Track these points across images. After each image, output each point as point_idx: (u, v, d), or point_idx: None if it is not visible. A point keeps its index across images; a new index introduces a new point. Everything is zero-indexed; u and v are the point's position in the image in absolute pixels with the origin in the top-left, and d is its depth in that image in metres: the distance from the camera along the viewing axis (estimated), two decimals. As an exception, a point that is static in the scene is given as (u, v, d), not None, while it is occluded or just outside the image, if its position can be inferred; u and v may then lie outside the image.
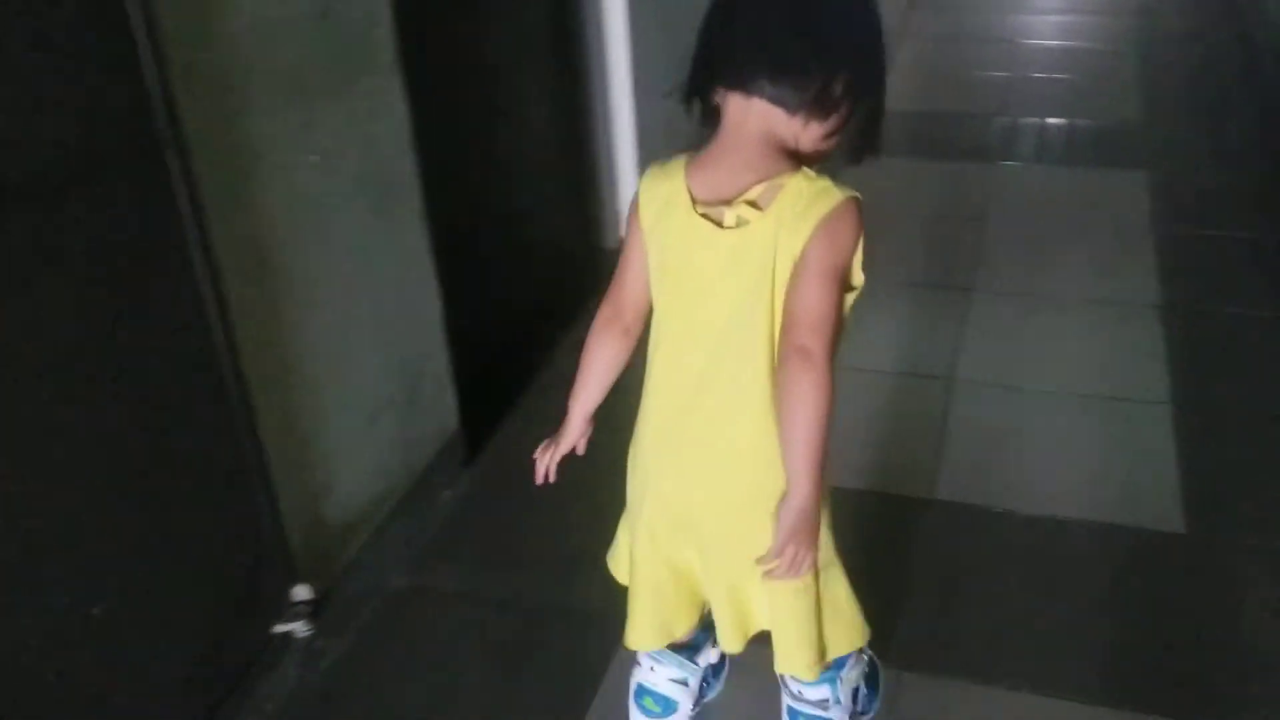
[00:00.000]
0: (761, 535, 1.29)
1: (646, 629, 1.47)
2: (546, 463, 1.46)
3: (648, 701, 1.62)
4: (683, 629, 1.50)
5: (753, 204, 1.21)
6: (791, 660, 1.42)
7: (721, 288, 1.25)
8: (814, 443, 1.21)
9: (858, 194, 1.22)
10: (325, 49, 1.76)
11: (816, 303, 1.19)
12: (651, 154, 3.41)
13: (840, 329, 1.23)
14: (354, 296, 1.91)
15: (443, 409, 2.26)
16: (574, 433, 1.45)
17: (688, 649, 1.60)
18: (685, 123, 1.31)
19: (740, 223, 1.21)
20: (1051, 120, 4.05)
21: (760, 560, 1.28)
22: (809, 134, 1.22)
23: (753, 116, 1.21)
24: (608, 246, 3.27)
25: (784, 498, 1.25)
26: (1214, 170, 3.59)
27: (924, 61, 4.78)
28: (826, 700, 1.55)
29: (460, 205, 2.42)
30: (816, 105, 1.19)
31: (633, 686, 1.65)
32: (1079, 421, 2.41)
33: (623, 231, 1.37)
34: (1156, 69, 4.57)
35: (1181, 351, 2.64)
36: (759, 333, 1.24)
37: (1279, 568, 2.01)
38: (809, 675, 1.44)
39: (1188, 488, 2.22)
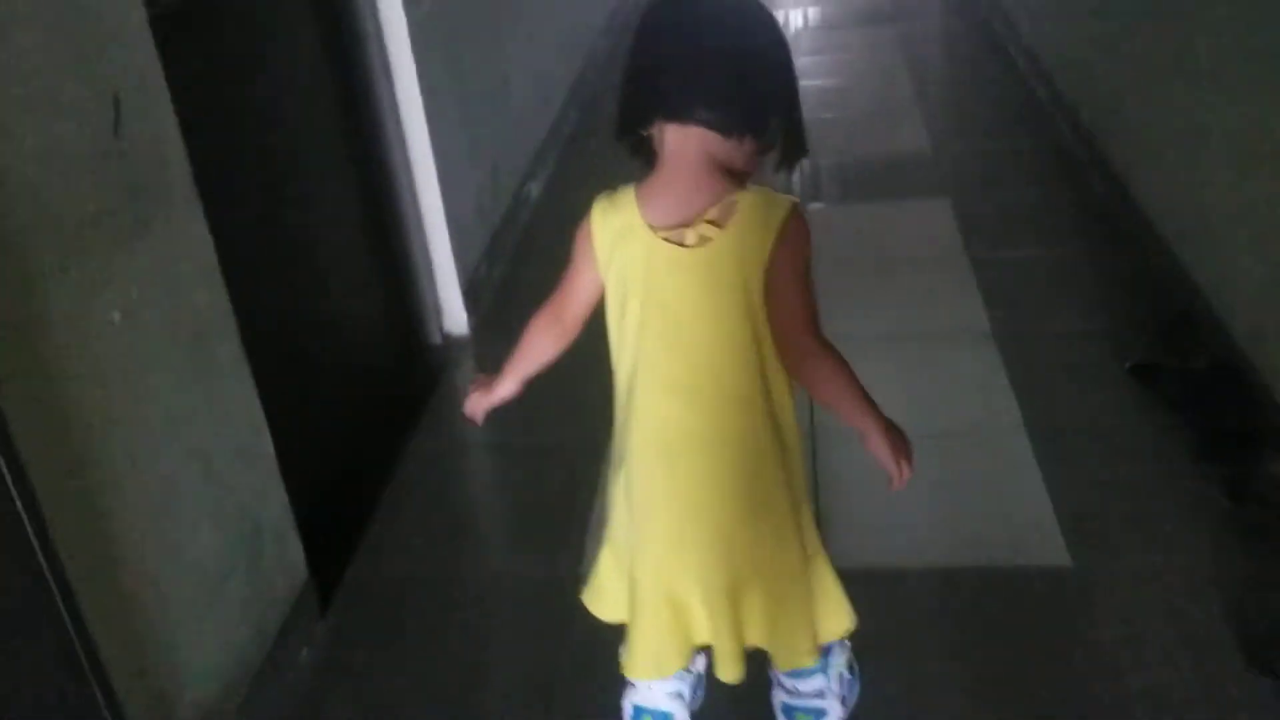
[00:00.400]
0: (763, 534, 1.43)
1: (649, 660, 1.52)
2: (479, 408, 1.58)
3: None
4: (681, 661, 1.53)
5: (712, 222, 1.30)
6: (793, 651, 1.51)
7: (694, 305, 1.33)
8: (859, 395, 1.39)
9: (797, 199, 1.36)
10: (114, 190, 1.54)
11: (801, 305, 1.34)
12: (465, 241, 3.44)
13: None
14: (179, 460, 1.68)
15: (289, 561, 2.04)
16: (507, 390, 1.56)
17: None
18: (495, 201, 1.22)
19: (703, 240, 1.30)
20: (848, 158, 4.12)
21: (890, 485, 1.42)
22: (743, 152, 1.32)
23: (692, 142, 1.30)
24: (433, 342, 3.11)
25: (865, 439, 1.41)
26: (1009, 189, 3.72)
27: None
28: (821, 690, 1.63)
29: (280, 332, 2.22)
30: (747, 125, 1.30)
31: (628, 710, 1.68)
32: (940, 461, 2.36)
33: (577, 257, 1.44)
34: (932, 94, 4.77)
35: (1021, 376, 2.68)
36: (742, 337, 1.34)
37: (1170, 588, 2.04)
38: (810, 661, 1.54)
39: (1065, 516, 2.23)
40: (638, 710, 1.67)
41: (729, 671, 1.50)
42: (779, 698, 1.67)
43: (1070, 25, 4.10)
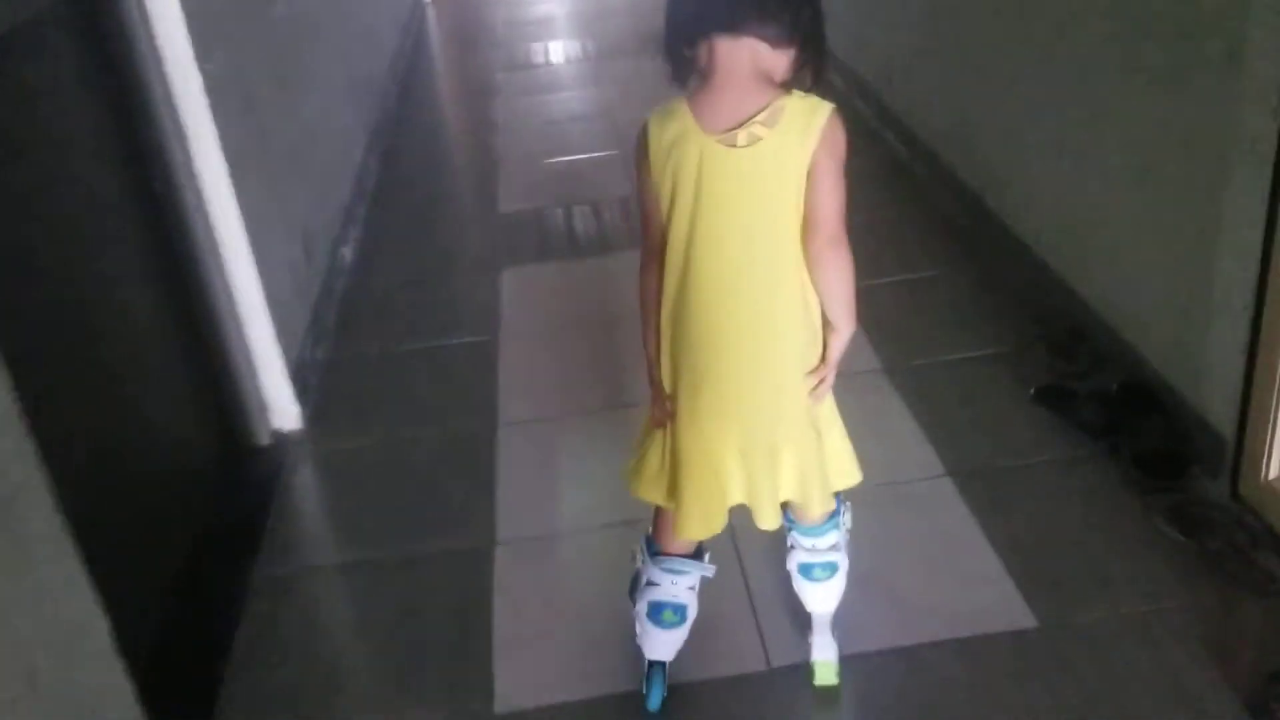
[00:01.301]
0: (796, 403, 1.61)
1: (700, 520, 1.67)
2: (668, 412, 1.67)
3: (667, 615, 1.79)
4: (721, 522, 1.69)
5: (762, 124, 1.44)
6: (819, 499, 1.70)
7: (745, 196, 1.49)
8: (851, 295, 1.56)
9: (834, 105, 1.48)
10: None
11: (835, 200, 1.49)
12: (286, 321, 2.95)
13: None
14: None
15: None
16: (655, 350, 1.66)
17: (697, 555, 1.80)
18: (310, 271, 0.91)
19: (752, 140, 1.44)
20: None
21: (811, 373, 1.61)
22: (783, 62, 1.46)
23: (744, 53, 1.44)
24: (262, 444, 2.67)
25: (836, 334, 1.58)
26: (859, 212, 3.57)
27: (511, 160, 4.55)
28: (836, 544, 1.82)
29: (88, 470, 1.77)
30: (791, 36, 1.44)
31: (644, 608, 1.79)
32: (876, 521, 2.10)
33: (635, 180, 1.58)
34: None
35: (927, 414, 2.51)
36: (785, 226, 1.50)
37: (1148, 637, 1.88)
38: (830, 505, 1.74)
39: (1017, 571, 2.05)
40: (658, 606, 1.79)
41: (769, 520, 1.68)
42: (798, 558, 1.85)
43: (892, 34, 4.04)
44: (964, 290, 3.03)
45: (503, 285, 3.36)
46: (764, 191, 1.49)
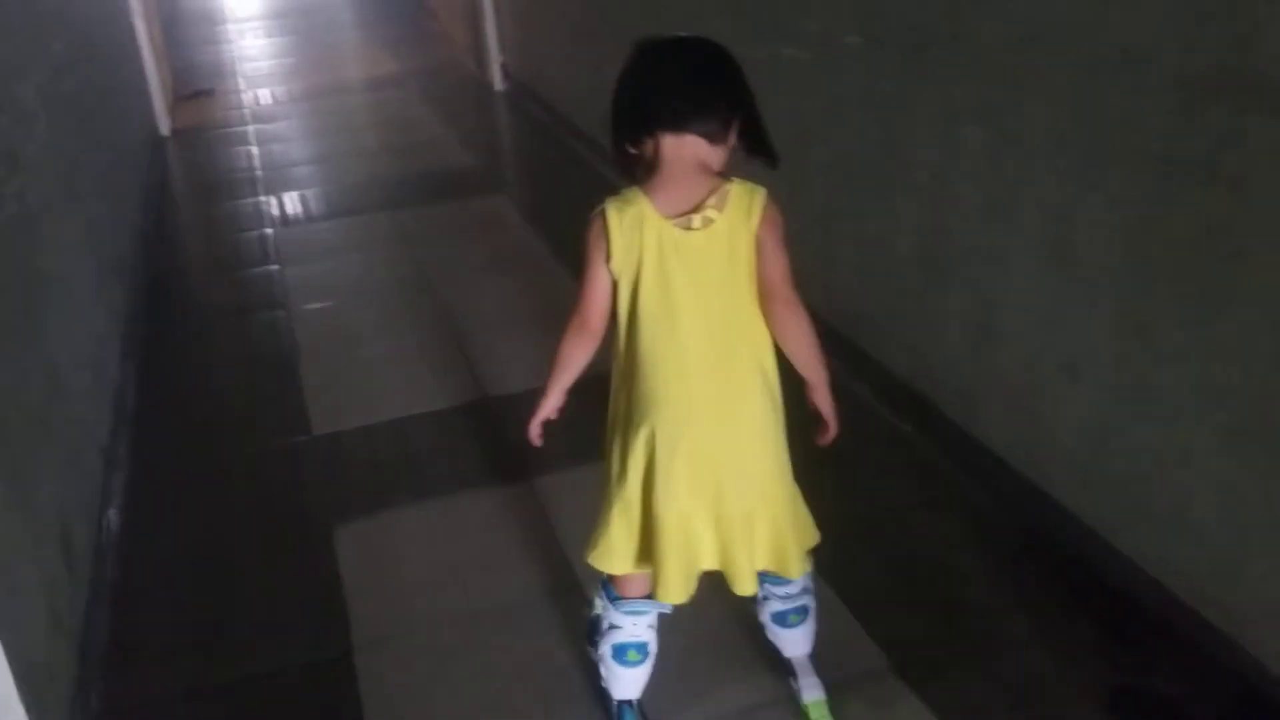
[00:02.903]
0: (767, 463, 1.73)
1: (679, 584, 1.74)
2: (534, 425, 1.82)
3: (631, 654, 1.88)
4: (695, 585, 1.77)
5: (713, 208, 1.62)
6: (796, 561, 1.79)
7: (704, 273, 1.64)
8: (817, 348, 1.72)
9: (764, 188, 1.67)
10: None
11: (783, 266, 1.66)
12: (39, 686, 1.91)
13: None
14: None
15: None
16: (553, 404, 1.79)
17: (647, 595, 1.84)
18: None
19: (706, 223, 1.62)
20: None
21: (822, 434, 1.79)
22: (719, 154, 1.65)
23: (686, 149, 1.63)
24: None
25: (814, 390, 1.75)
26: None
27: (314, 351, 3.72)
28: (804, 588, 1.92)
29: None
30: (726, 131, 1.64)
31: (608, 651, 1.88)
32: None
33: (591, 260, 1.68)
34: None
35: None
36: (740, 298, 1.66)
37: None
38: (805, 567, 1.84)
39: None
40: (622, 648, 1.87)
41: (746, 587, 1.76)
42: (771, 608, 1.94)
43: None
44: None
45: (340, 555, 2.53)
46: (720, 268, 1.64)
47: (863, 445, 2.69)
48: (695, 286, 1.62)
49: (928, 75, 2.55)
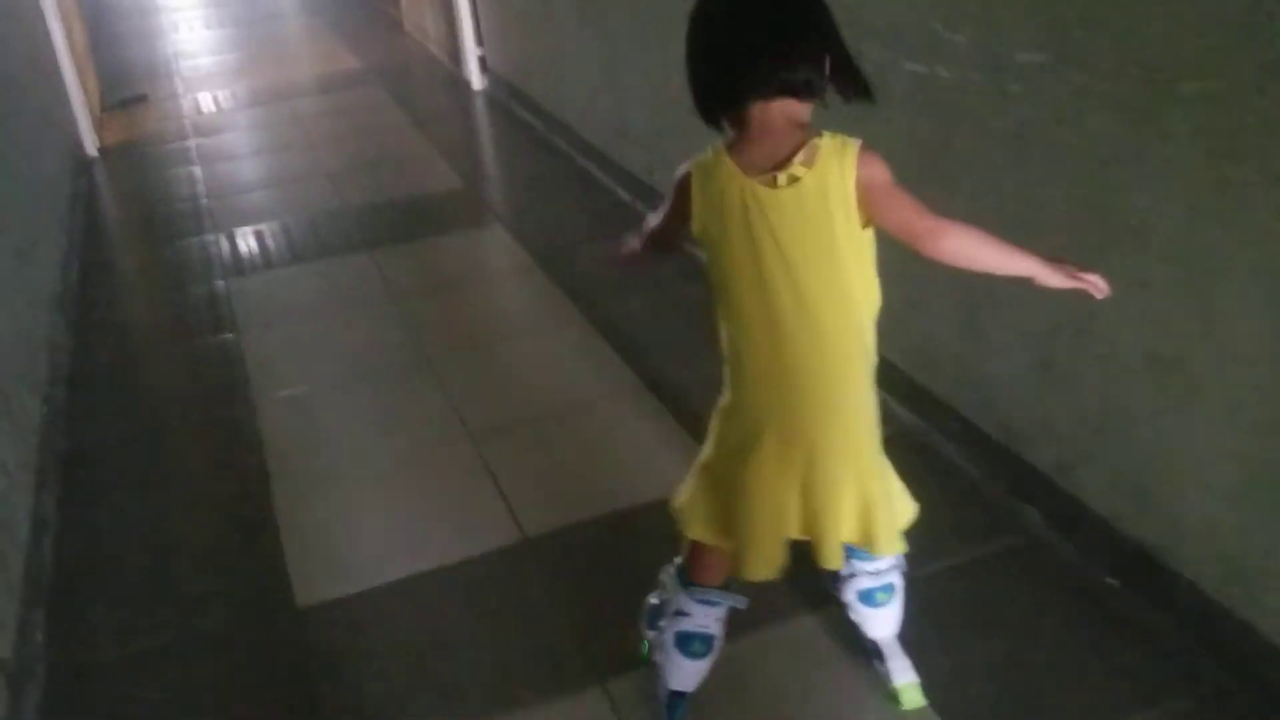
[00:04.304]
0: (860, 436, 1.63)
1: (764, 562, 1.67)
2: (625, 251, 1.81)
3: (696, 645, 1.80)
4: (784, 561, 1.68)
5: (801, 164, 1.48)
6: (886, 538, 1.67)
7: (793, 231, 1.50)
8: (1003, 245, 1.53)
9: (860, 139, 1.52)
10: None
11: (907, 206, 1.51)
12: None
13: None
14: None
15: None
16: (636, 245, 1.78)
17: (721, 587, 1.79)
18: None
19: (792, 180, 1.48)
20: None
21: (1097, 294, 1.55)
22: (808, 107, 1.52)
23: (774, 111, 1.50)
24: None
25: (1035, 282, 1.54)
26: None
27: (290, 472, 2.88)
28: (893, 565, 1.83)
29: None
30: (818, 81, 1.50)
31: (670, 638, 1.80)
32: None
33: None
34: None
35: None
36: (840, 259, 1.52)
37: None
38: (900, 546, 1.72)
39: None
40: (686, 637, 1.79)
41: (833, 559, 1.67)
42: (858, 585, 1.84)
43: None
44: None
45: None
46: (811, 227, 1.50)
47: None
48: (784, 248, 1.51)
49: (1174, 117, 1.76)
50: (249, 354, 3.39)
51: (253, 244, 4.29)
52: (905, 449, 1.89)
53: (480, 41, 6.06)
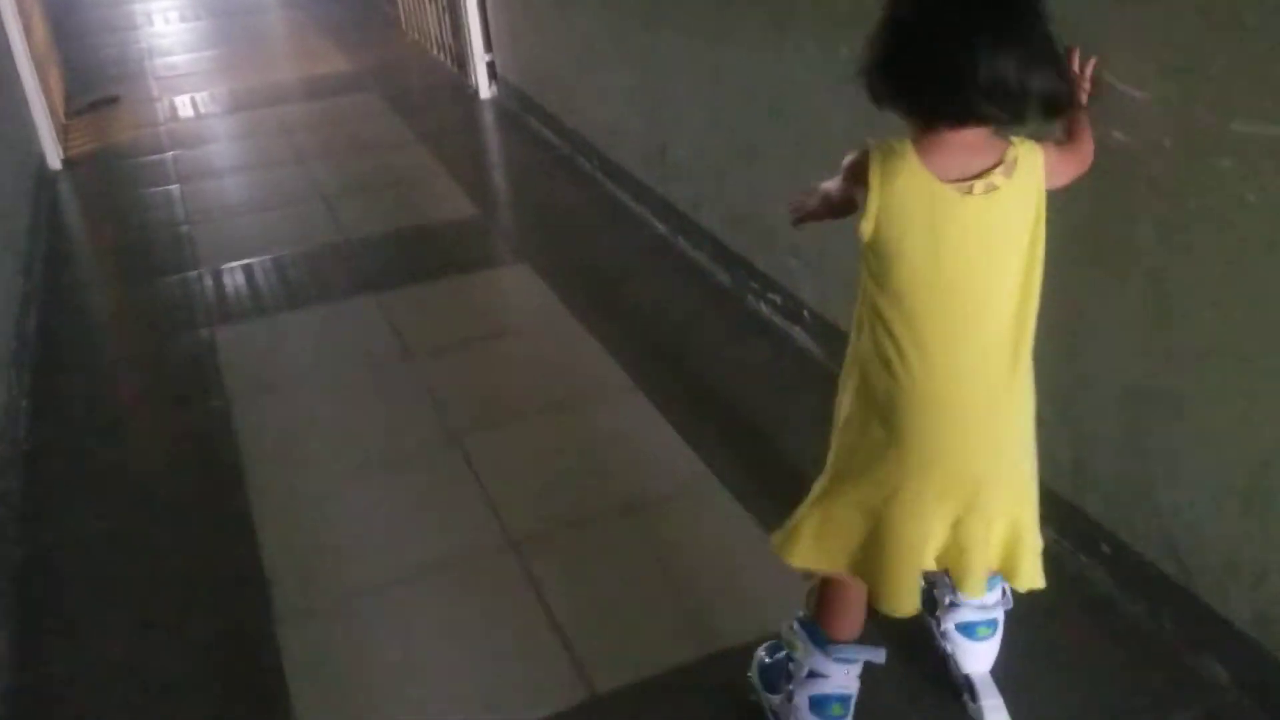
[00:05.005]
0: (1026, 466, 1.56)
1: (907, 596, 1.57)
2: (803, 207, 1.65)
3: (835, 709, 1.69)
4: (919, 593, 1.58)
5: (1000, 175, 1.39)
6: (1027, 570, 1.59)
7: (982, 245, 1.40)
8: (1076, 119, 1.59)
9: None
10: None
11: (1065, 154, 1.55)
12: None
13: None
14: None
15: None
16: (815, 204, 1.61)
17: (859, 641, 1.70)
18: None
19: (989, 189, 1.38)
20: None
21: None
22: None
23: (970, 131, 1.39)
24: None
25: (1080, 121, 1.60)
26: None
27: (292, 568, 2.37)
28: (999, 600, 1.78)
29: None
30: (1025, 115, 1.38)
31: (804, 702, 1.69)
32: None
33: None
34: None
35: None
36: (1015, 276, 1.42)
37: None
38: (1038, 581, 1.61)
39: None
40: (824, 700, 1.69)
41: (977, 589, 1.60)
42: (961, 616, 1.78)
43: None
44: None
45: None
46: (1001, 241, 1.42)
47: None
48: (975, 258, 1.40)
49: None
50: (244, 429, 2.86)
51: (241, 282, 3.75)
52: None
53: (489, 46, 5.52)
